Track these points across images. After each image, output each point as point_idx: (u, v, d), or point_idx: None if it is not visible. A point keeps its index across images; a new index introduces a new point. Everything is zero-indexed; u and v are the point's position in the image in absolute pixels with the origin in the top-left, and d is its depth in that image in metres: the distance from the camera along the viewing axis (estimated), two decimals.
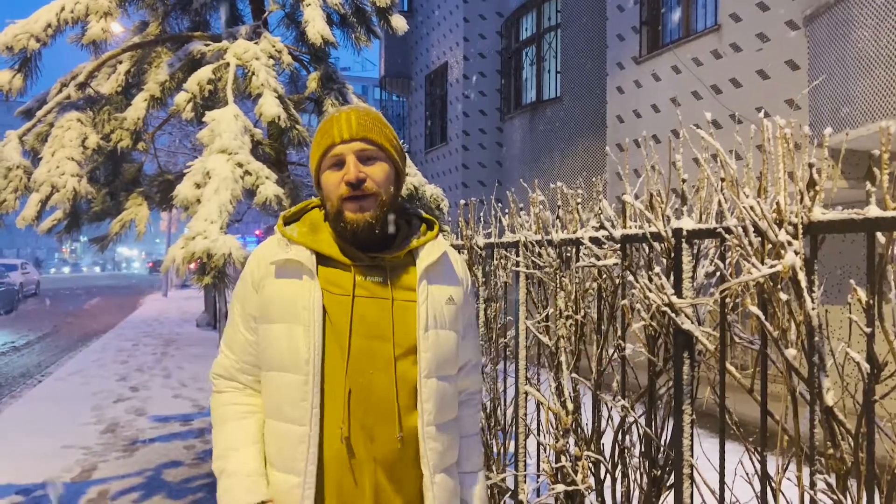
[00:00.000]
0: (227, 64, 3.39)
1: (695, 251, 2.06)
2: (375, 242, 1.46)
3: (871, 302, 1.42)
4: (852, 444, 1.50)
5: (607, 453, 2.50)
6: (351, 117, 1.46)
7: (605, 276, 2.49)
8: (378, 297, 1.44)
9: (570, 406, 2.67)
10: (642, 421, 2.26)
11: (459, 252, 3.85)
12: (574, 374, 2.69)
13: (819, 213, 1.54)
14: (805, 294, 1.54)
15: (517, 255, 3.13)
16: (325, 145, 1.45)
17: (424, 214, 1.62)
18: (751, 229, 1.67)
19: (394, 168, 1.49)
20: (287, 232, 1.48)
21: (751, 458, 1.83)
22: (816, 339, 1.55)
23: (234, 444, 1.46)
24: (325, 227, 1.50)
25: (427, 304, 1.46)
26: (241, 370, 1.53)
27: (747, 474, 1.85)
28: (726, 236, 1.77)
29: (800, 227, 1.57)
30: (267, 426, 1.46)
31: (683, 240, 1.95)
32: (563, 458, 2.64)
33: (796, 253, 1.55)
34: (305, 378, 1.38)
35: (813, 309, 1.54)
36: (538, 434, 2.89)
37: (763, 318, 1.67)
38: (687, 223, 1.96)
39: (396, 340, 1.42)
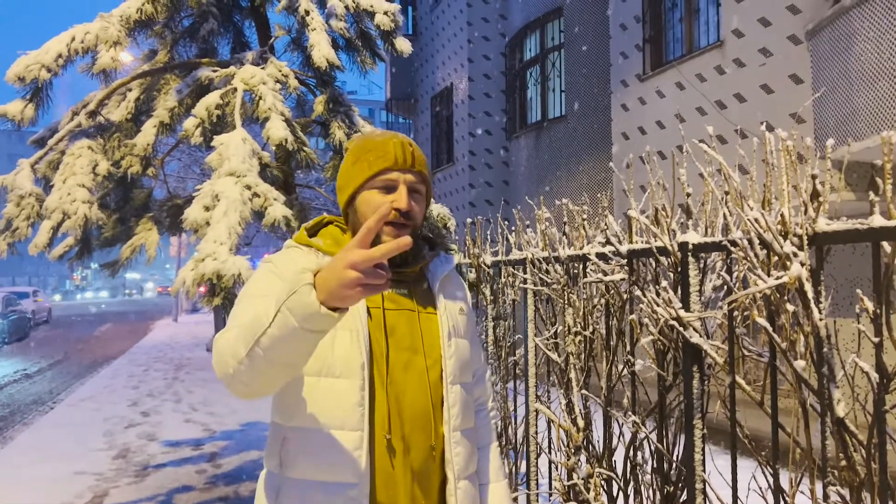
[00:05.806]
0: (235, 89, 3.44)
1: (701, 265, 2.06)
2: (395, 257, 1.49)
3: (879, 311, 1.42)
4: (864, 455, 1.49)
5: (619, 470, 2.49)
6: (406, 146, 1.48)
7: (612, 291, 2.49)
8: (405, 308, 1.48)
9: (581, 423, 2.65)
10: (653, 437, 2.25)
11: (468, 270, 3.86)
12: (584, 391, 2.68)
13: (823, 224, 1.55)
14: (812, 305, 1.54)
15: (525, 273, 3.14)
16: (380, 167, 1.45)
17: (424, 233, 1.66)
18: (756, 241, 1.68)
19: (426, 201, 1.54)
20: (314, 243, 1.50)
21: (763, 473, 1.81)
22: (825, 349, 1.54)
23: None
24: (347, 241, 1.51)
25: (446, 314, 1.52)
26: None
27: (760, 489, 1.84)
28: (732, 249, 1.78)
29: (805, 238, 1.57)
30: (304, 437, 1.39)
31: (690, 253, 1.96)
32: (574, 475, 2.62)
33: (802, 264, 1.55)
34: (362, 383, 1.39)
35: (820, 319, 1.54)
36: (549, 452, 2.87)
37: (771, 329, 1.67)
38: (693, 237, 1.97)
39: (426, 351, 1.47)
